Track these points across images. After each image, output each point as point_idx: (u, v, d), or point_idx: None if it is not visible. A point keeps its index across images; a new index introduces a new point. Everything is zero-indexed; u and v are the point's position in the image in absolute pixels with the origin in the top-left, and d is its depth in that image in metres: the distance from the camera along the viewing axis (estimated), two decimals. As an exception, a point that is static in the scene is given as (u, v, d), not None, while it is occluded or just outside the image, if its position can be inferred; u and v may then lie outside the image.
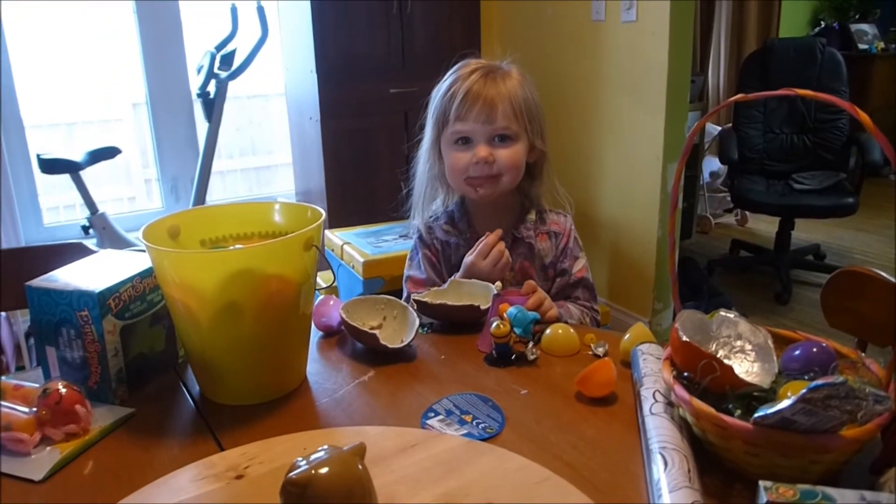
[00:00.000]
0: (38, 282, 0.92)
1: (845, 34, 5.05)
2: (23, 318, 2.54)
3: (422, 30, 3.11)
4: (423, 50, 3.12)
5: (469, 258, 1.23)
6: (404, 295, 1.37)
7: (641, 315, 2.79)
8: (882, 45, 5.06)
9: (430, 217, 1.39)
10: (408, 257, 1.41)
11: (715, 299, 3.05)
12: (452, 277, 1.23)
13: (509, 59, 1.33)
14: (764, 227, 4.24)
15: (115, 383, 0.92)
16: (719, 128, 3.94)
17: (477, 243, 1.24)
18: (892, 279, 1.05)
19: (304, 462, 0.60)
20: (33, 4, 2.97)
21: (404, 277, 1.39)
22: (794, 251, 3.54)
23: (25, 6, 2.93)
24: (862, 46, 5.01)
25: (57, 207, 3.21)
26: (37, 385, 0.88)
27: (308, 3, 2.85)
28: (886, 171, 4.88)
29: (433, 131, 1.30)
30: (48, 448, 0.82)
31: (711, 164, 4.29)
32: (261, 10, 2.89)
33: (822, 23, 5.14)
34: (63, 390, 0.84)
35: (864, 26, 5.11)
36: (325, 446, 0.62)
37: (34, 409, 0.83)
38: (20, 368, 2.35)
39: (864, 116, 0.66)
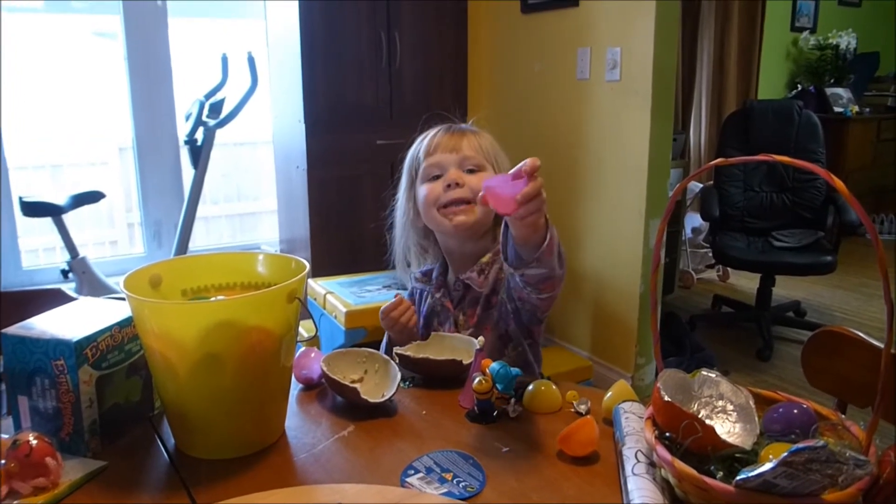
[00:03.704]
0: (14, 329, 0.90)
1: (821, 97, 5.19)
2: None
3: (410, 83, 3.17)
4: (410, 102, 3.18)
5: None
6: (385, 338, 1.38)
7: (624, 370, 2.79)
8: (856, 108, 5.21)
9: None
10: None
11: (697, 355, 3.06)
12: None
13: (474, 119, 1.39)
14: (745, 283, 4.28)
15: (88, 435, 0.90)
16: (701, 185, 4.01)
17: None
18: (871, 340, 1.06)
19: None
20: (23, 45, 3.00)
21: None
22: (775, 307, 3.57)
23: (15, 47, 2.95)
24: (837, 109, 5.15)
25: (36, 250, 3.18)
26: (6, 436, 0.86)
27: (298, 54, 2.89)
28: (862, 231, 4.96)
29: (407, 179, 1.35)
30: (15, 502, 0.79)
31: (693, 220, 4.35)
32: (251, 60, 2.93)
33: (798, 86, 5.29)
34: (34, 442, 0.82)
35: (839, 90, 5.27)
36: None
37: (2, 461, 0.81)
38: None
39: (839, 184, 0.67)
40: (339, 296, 2.57)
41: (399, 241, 1.40)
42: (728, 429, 0.80)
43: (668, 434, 0.77)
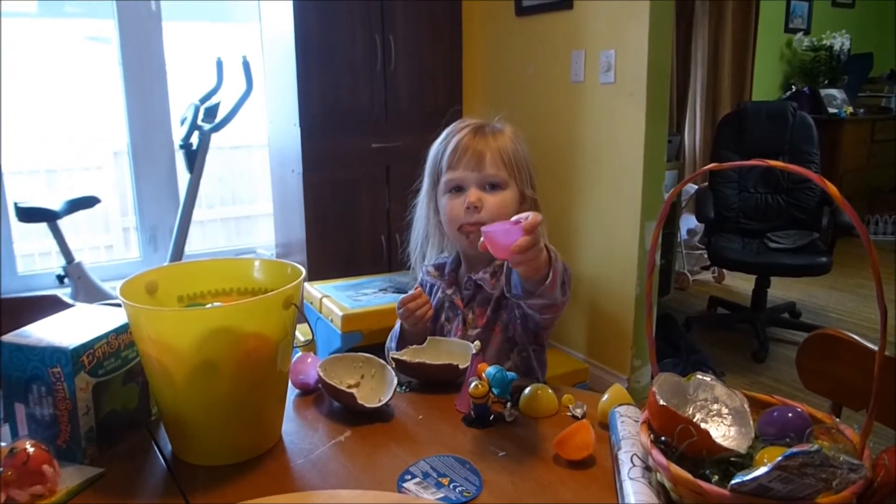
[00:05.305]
0: (10, 337, 0.90)
1: (815, 98, 5.21)
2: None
3: (405, 86, 3.17)
4: (405, 106, 3.18)
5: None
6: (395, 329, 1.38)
7: (620, 372, 2.79)
8: (850, 109, 5.23)
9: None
10: None
11: (693, 356, 3.06)
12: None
13: (500, 117, 1.37)
14: (741, 284, 4.29)
15: (85, 442, 0.90)
16: (696, 186, 4.02)
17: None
18: (865, 342, 1.06)
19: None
20: (17, 50, 2.99)
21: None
22: (771, 309, 3.58)
23: (9, 52, 2.94)
24: (831, 110, 5.16)
25: (32, 255, 3.18)
26: (4, 444, 0.86)
27: (293, 58, 2.90)
28: (857, 232, 4.98)
29: (428, 183, 1.35)
30: (12, 510, 0.79)
31: (689, 221, 4.36)
32: (246, 65, 2.93)
33: (792, 87, 5.31)
34: (31, 450, 0.82)
35: (833, 91, 5.28)
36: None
37: (0, 469, 0.81)
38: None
39: (832, 188, 0.67)
40: (335, 299, 2.57)
41: (418, 238, 1.40)
42: (723, 432, 0.80)
43: (663, 438, 0.77)
